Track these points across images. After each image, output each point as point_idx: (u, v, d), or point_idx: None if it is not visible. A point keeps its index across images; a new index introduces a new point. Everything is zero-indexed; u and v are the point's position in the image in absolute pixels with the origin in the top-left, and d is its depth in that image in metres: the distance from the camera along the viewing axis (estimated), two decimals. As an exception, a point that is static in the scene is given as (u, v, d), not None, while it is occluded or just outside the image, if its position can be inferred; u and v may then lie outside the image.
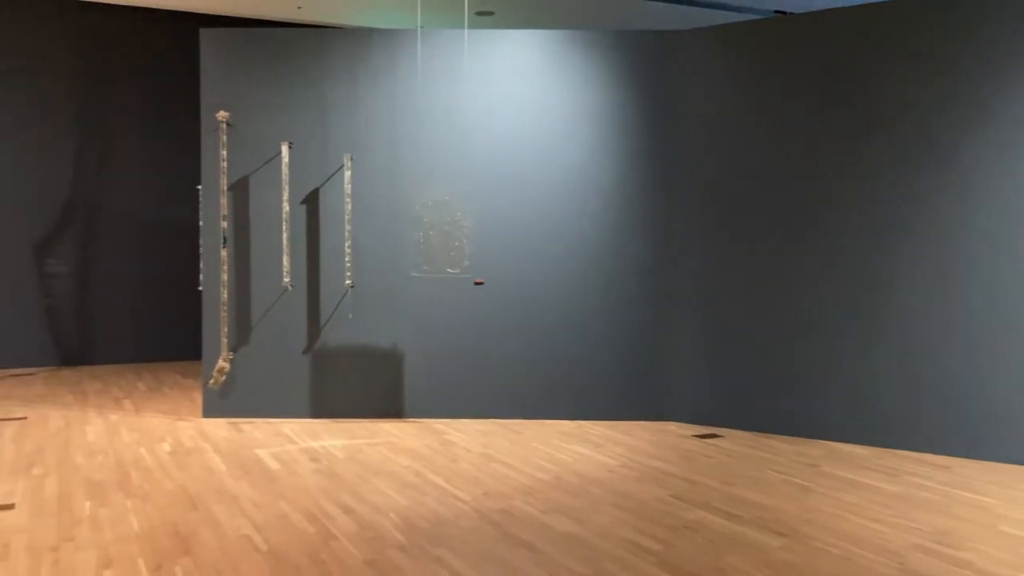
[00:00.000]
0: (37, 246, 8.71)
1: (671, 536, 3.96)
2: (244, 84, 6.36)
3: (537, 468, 5.09)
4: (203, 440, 5.71)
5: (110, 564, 3.56)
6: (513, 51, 6.40)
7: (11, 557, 3.63)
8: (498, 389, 6.38)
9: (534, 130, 6.37)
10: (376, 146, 6.37)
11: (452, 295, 6.35)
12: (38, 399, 7.04)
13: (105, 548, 3.74)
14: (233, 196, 6.32)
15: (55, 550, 3.72)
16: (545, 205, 6.37)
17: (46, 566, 3.54)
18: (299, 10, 8.97)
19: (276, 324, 6.37)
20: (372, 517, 4.19)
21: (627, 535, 3.97)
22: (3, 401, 6.93)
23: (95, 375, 8.23)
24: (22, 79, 8.65)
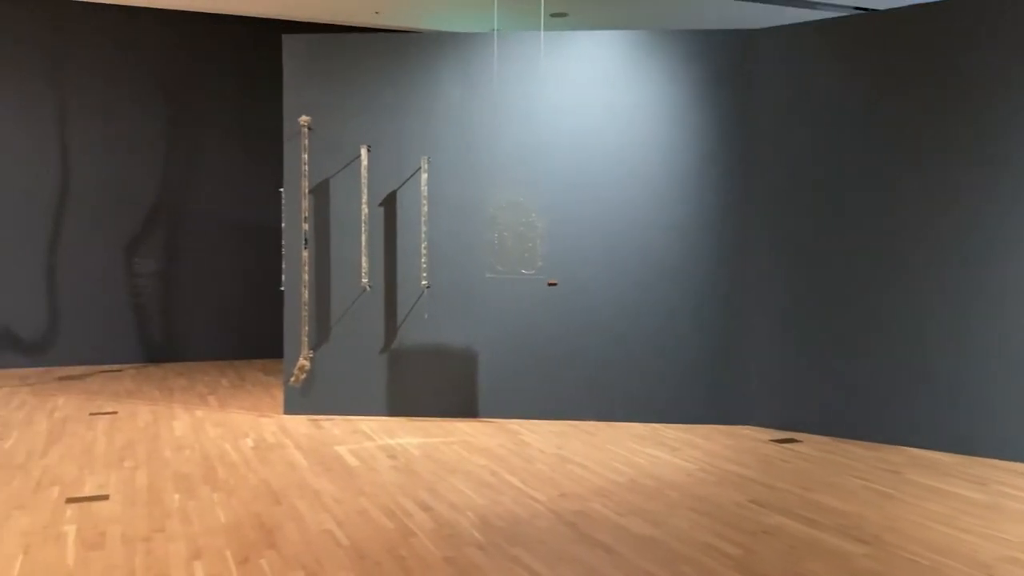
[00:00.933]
0: (126, 247, 9.04)
1: (750, 541, 3.92)
2: (324, 89, 6.50)
3: (612, 470, 5.08)
4: (285, 436, 5.86)
5: (199, 555, 3.69)
6: (588, 52, 6.40)
7: (107, 546, 3.79)
8: (572, 390, 6.39)
9: (609, 131, 6.36)
10: (452, 148, 6.44)
11: (526, 296, 6.39)
12: (127, 395, 7.31)
13: (194, 540, 3.88)
14: (314, 198, 6.46)
15: (147, 540, 3.86)
16: (620, 206, 6.35)
17: (140, 556, 3.68)
18: (377, 15, 9.12)
19: (355, 324, 6.49)
20: (449, 515, 4.24)
21: (705, 539, 3.94)
22: (94, 396, 7.21)
23: (180, 372, 8.51)
24: (112, 86, 8.98)
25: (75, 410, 6.64)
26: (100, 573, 3.49)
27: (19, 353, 8.65)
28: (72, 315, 8.81)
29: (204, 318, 9.27)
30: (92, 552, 3.71)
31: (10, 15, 8.60)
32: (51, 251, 8.77)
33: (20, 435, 5.80)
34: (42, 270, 8.74)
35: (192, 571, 3.51)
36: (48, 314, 8.75)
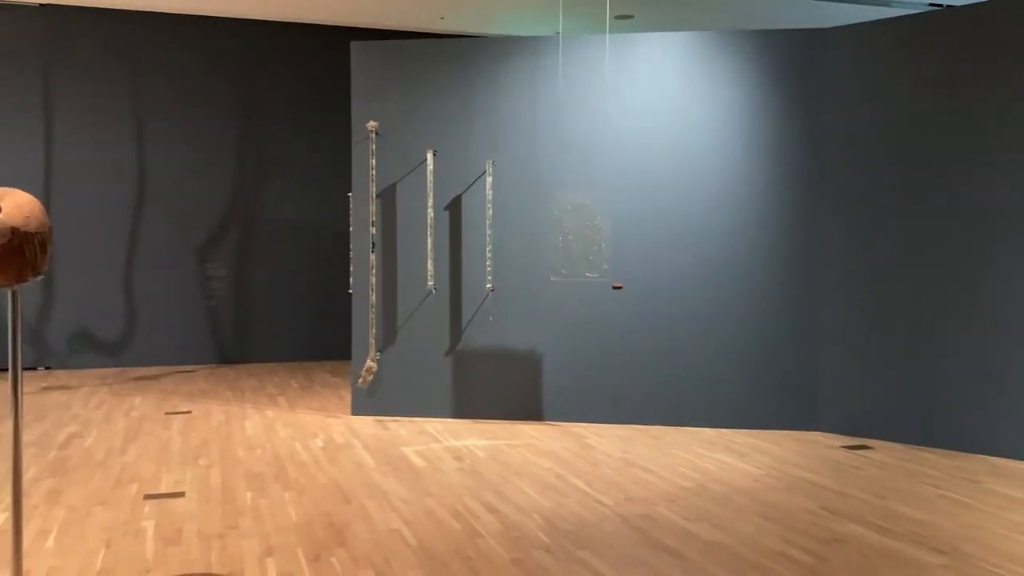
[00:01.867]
0: (199, 251, 9.28)
1: (822, 549, 3.85)
2: (391, 94, 6.59)
3: (679, 475, 5.04)
4: (353, 436, 5.95)
5: (272, 552, 3.77)
6: (654, 54, 6.37)
7: (183, 542, 3.90)
8: (637, 394, 6.35)
9: (675, 133, 6.31)
10: (517, 152, 6.47)
11: (591, 299, 6.37)
12: (200, 395, 7.51)
13: (266, 537, 3.96)
14: (381, 203, 6.55)
15: (222, 537, 3.96)
16: (686, 208, 6.30)
17: (215, 552, 3.77)
18: (442, 20, 9.21)
19: (420, 326, 6.56)
20: (516, 517, 4.25)
21: (775, 546, 3.88)
22: (169, 396, 7.42)
23: (251, 372, 8.70)
24: (186, 95, 9.24)
25: (151, 409, 6.84)
26: (178, 568, 3.59)
27: (98, 354, 8.95)
28: (148, 317, 9.09)
29: (274, 320, 9.46)
30: (170, 547, 3.82)
31: (92, 27, 8.91)
32: (128, 256, 9.05)
33: (100, 433, 6.00)
34: (120, 274, 9.03)
35: (265, 568, 3.59)
36: (125, 316, 9.04)
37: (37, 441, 5.71)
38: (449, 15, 9.04)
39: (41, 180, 8.69)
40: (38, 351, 8.72)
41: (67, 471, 5.03)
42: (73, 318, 8.88)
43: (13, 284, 2.78)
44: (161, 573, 3.53)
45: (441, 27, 9.43)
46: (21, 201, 2.76)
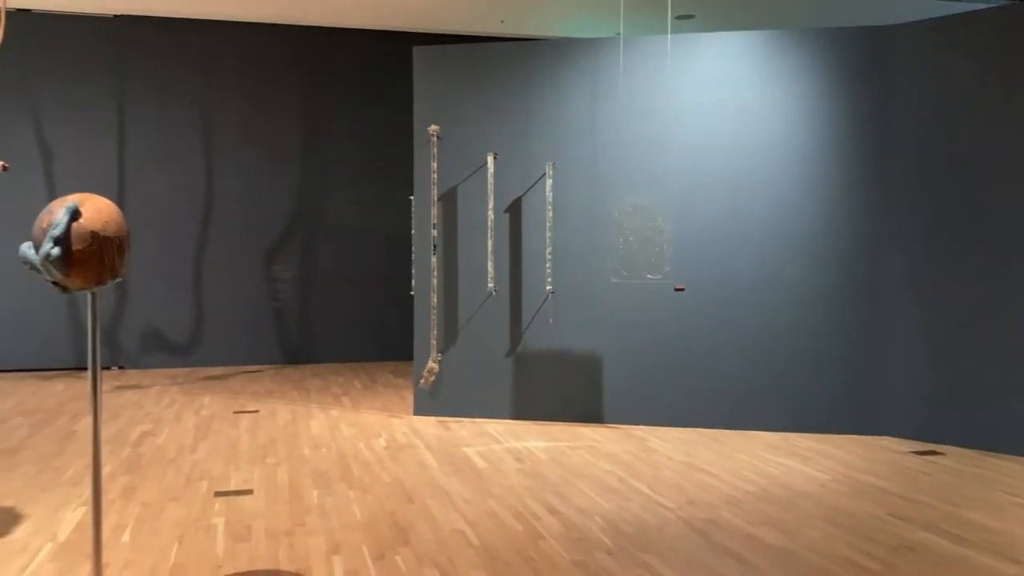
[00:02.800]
0: (265, 255, 9.48)
1: (890, 556, 3.77)
2: (453, 98, 6.65)
3: (742, 479, 4.99)
4: (415, 437, 6.02)
5: (338, 550, 3.84)
6: (716, 54, 6.32)
7: (252, 539, 3.99)
8: (699, 398, 6.30)
9: (737, 133, 6.25)
10: (577, 154, 6.47)
11: (652, 301, 6.34)
12: (267, 394, 7.66)
13: (332, 535, 4.03)
14: (442, 205, 6.61)
15: (289, 534, 4.04)
16: (749, 209, 6.23)
17: (283, 549, 3.86)
18: (502, 24, 9.25)
19: (481, 327, 6.60)
20: (578, 519, 4.26)
21: (842, 552, 3.82)
22: (237, 396, 7.59)
23: (316, 373, 8.86)
24: (251, 101, 9.44)
25: (220, 408, 7.01)
26: (247, 564, 3.68)
27: (169, 354, 9.20)
28: (216, 319, 9.32)
29: (338, 322, 9.62)
30: (239, 544, 3.91)
31: (162, 37, 9.16)
32: (197, 259, 9.29)
33: (171, 431, 6.17)
34: (189, 277, 9.27)
35: (331, 565, 3.66)
36: (195, 318, 9.28)
37: (112, 439, 5.90)
38: (510, 18, 9.08)
39: (115, 185, 8.97)
40: (112, 351, 9.00)
41: (141, 468, 5.18)
42: (145, 319, 9.15)
43: (92, 287, 2.88)
44: (231, 569, 3.62)
45: (502, 30, 9.47)
46: (100, 206, 2.85)
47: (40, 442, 5.81)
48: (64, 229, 2.72)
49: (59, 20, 8.91)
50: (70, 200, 2.79)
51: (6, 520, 4.21)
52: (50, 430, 6.17)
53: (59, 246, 2.72)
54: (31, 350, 8.86)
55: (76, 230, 2.75)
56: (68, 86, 8.99)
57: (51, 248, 2.71)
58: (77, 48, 9.02)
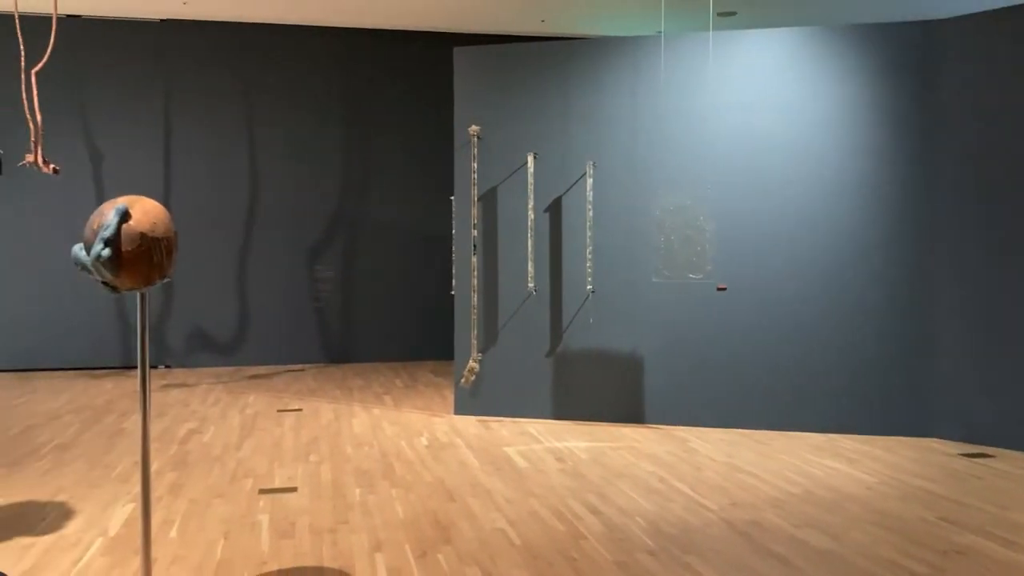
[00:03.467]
0: (308, 255, 9.58)
1: (941, 560, 3.70)
2: (493, 98, 6.66)
3: (786, 481, 4.93)
4: (456, 436, 6.04)
5: (380, 548, 3.86)
6: (758, 51, 6.25)
7: (296, 535, 4.03)
8: (742, 398, 6.24)
9: (780, 131, 6.18)
10: (618, 153, 6.44)
11: (694, 301, 6.29)
12: (310, 393, 7.74)
13: (375, 532, 4.06)
14: (482, 205, 6.63)
15: (333, 531, 4.08)
16: (792, 207, 6.16)
17: (326, 546, 3.89)
18: (542, 23, 9.25)
19: (521, 327, 6.60)
20: (619, 519, 4.24)
21: (890, 556, 3.76)
22: (281, 394, 7.68)
23: (357, 372, 8.93)
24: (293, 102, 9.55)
25: (264, 407, 7.10)
26: (291, 560, 3.72)
27: (214, 353, 9.34)
28: (260, 318, 9.44)
29: (379, 321, 9.69)
30: (284, 540, 3.96)
31: (207, 40, 9.30)
32: (241, 260, 9.42)
33: (216, 429, 6.26)
34: (234, 277, 9.40)
35: (374, 563, 3.69)
36: (239, 317, 9.41)
37: (159, 436, 6.00)
38: (550, 18, 9.08)
39: (161, 187, 9.13)
40: (158, 350, 9.16)
41: (187, 465, 5.27)
42: (191, 319, 9.29)
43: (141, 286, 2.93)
44: (276, 565, 3.67)
45: (542, 30, 9.47)
46: (148, 208, 2.91)
47: (90, 439, 5.94)
48: (114, 230, 2.78)
49: (107, 25, 9.09)
50: (120, 202, 2.85)
51: (59, 515, 4.30)
52: (99, 427, 6.30)
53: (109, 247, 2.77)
54: (81, 349, 9.05)
55: (126, 231, 2.80)
56: (116, 90, 9.17)
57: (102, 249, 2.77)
58: (124, 52, 9.19)
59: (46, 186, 8.13)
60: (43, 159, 4.41)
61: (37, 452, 5.56)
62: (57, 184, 7.85)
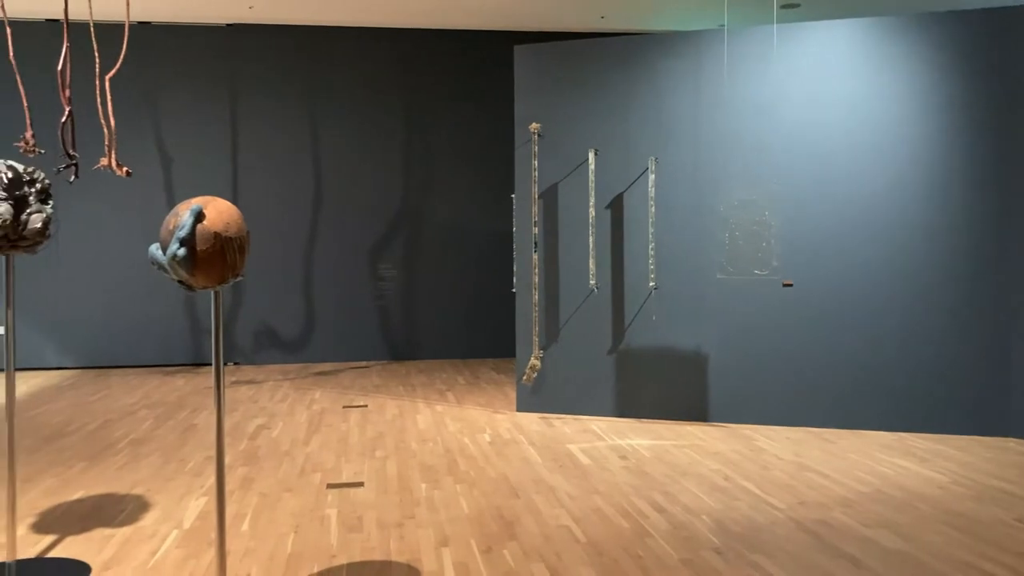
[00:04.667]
0: (371, 253, 9.71)
1: (1019, 564, 3.60)
2: (554, 95, 6.66)
3: (855, 480, 4.84)
4: (518, 433, 6.06)
5: (446, 543, 3.90)
6: (824, 43, 6.14)
7: (364, 529, 4.10)
8: (809, 396, 6.14)
9: (848, 124, 6.06)
10: (680, 148, 6.39)
11: (759, 297, 6.21)
12: (375, 389, 7.85)
13: (441, 527, 4.11)
14: (543, 203, 6.64)
15: (399, 526, 4.14)
16: (861, 201, 6.03)
17: (393, 540, 3.95)
18: (602, 20, 9.22)
19: (583, 325, 6.60)
20: (684, 517, 4.22)
21: (966, 558, 3.66)
22: (346, 391, 7.80)
23: (420, 369, 9.02)
24: (357, 103, 9.68)
25: (330, 403, 7.22)
26: (360, 554, 3.78)
27: (280, 350, 9.53)
28: (325, 316, 9.60)
29: (440, 319, 9.77)
30: (352, 534, 4.03)
31: (272, 44, 9.48)
32: (307, 259, 9.59)
33: (284, 425, 6.39)
34: (300, 276, 9.58)
35: (441, 557, 3.73)
36: (304, 315, 9.58)
37: (230, 431, 6.15)
38: (610, 14, 9.04)
39: (229, 188, 9.34)
40: (228, 347, 9.38)
41: (257, 460, 5.39)
42: (258, 317, 9.49)
43: (215, 285, 3.01)
44: (345, 559, 3.73)
45: (602, 26, 9.44)
46: (222, 208, 2.98)
47: (164, 434, 6.11)
48: (189, 231, 2.85)
49: (176, 31, 9.33)
50: (195, 203, 2.92)
51: (136, 507, 4.44)
52: (172, 423, 6.47)
53: (185, 247, 2.85)
54: (154, 347, 9.32)
55: (200, 231, 2.87)
56: (185, 94, 9.40)
57: (177, 249, 2.85)
58: (193, 57, 9.42)
59: (119, 189, 8.38)
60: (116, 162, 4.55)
61: (114, 447, 5.75)
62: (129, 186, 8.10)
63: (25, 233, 3.46)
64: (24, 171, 3.50)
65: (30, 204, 3.48)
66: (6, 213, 3.37)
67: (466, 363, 9.37)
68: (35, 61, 4.96)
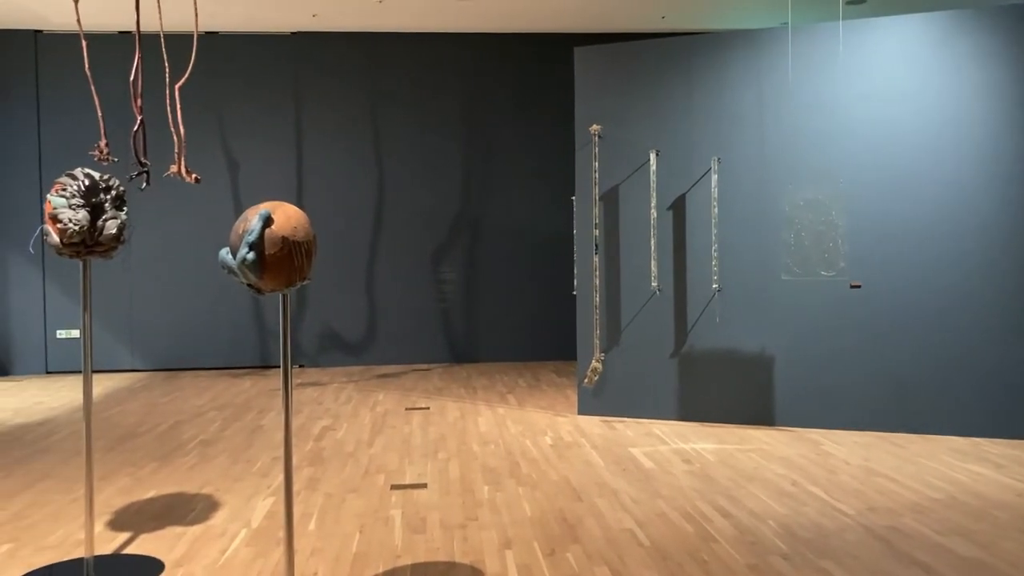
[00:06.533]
0: (432, 256, 9.78)
1: (1103, 574, 3.47)
2: (614, 96, 6.63)
3: (927, 486, 4.71)
4: (580, 435, 6.04)
5: (509, 545, 3.91)
6: (891, 39, 6.00)
7: (427, 530, 4.13)
8: (877, 400, 6.00)
9: (917, 122, 5.91)
10: (743, 148, 6.31)
11: (826, 299, 6.09)
12: (436, 392, 7.91)
13: (504, 529, 4.11)
14: (604, 204, 6.61)
15: (463, 527, 4.16)
16: (930, 199, 5.88)
17: (457, 542, 3.97)
18: (663, 20, 9.16)
19: (645, 327, 6.55)
20: (750, 522, 4.16)
21: (1045, 567, 3.54)
22: (409, 393, 7.87)
23: (481, 371, 9.06)
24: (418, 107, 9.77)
25: (393, 405, 7.30)
26: (424, 555, 3.81)
27: (344, 353, 9.66)
28: (387, 319, 9.71)
29: (501, 321, 9.80)
30: (416, 535, 4.06)
31: (335, 50, 9.63)
32: (369, 262, 9.71)
33: (349, 426, 6.48)
34: (363, 279, 9.70)
35: (504, 559, 3.73)
36: (367, 318, 9.70)
37: (296, 432, 6.25)
38: (670, 14, 8.97)
39: (294, 193, 9.50)
40: (293, 350, 9.54)
41: (323, 461, 5.47)
42: (322, 320, 9.64)
43: (283, 288, 3.06)
44: (409, 559, 3.76)
45: (663, 26, 9.38)
46: (290, 213, 3.03)
47: (232, 435, 6.24)
48: (258, 235, 2.91)
49: (242, 40, 9.54)
50: (263, 208, 2.98)
51: (206, 507, 4.55)
52: (240, 424, 6.61)
53: (254, 251, 2.91)
54: (223, 349, 9.53)
55: (269, 236, 2.93)
56: (250, 101, 9.60)
57: (247, 253, 2.90)
58: (258, 65, 9.62)
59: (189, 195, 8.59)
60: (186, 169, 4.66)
61: (184, 447, 5.89)
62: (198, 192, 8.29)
63: (101, 239, 3.57)
64: (100, 178, 3.61)
65: (105, 211, 3.59)
66: (83, 219, 3.48)
67: (527, 366, 9.37)
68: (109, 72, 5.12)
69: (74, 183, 3.52)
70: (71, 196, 3.49)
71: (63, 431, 6.46)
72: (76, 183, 3.52)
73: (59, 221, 3.47)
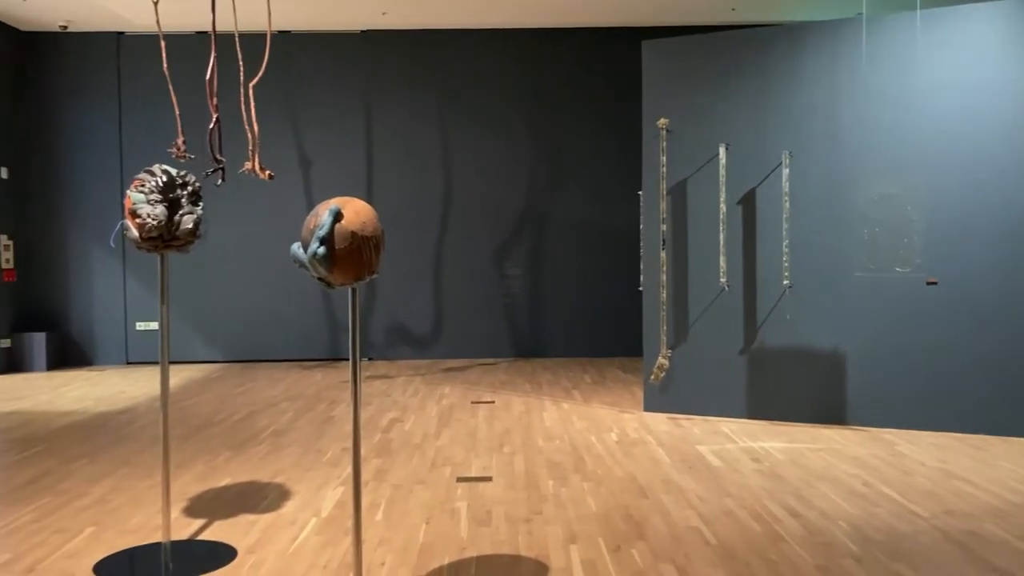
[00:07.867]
0: (498, 252, 9.83)
1: None
2: (683, 90, 6.56)
3: (1008, 489, 4.56)
4: (646, 432, 6.01)
5: (574, 540, 3.91)
6: (972, 27, 5.81)
7: (493, 523, 4.15)
8: (955, 400, 5.83)
9: (997, 113, 5.71)
10: (816, 141, 6.18)
11: (901, 295, 5.94)
12: (501, 386, 7.94)
13: (568, 525, 4.11)
14: (671, 199, 6.54)
15: (528, 522, 4.17)
16: (1010, 194, 5.67)
17: (522, 535, 3.98)
18: (733, 12, 9.02)
19: (713, 323, 6.47)
20: (820, 523, 4.08)
21: None
22: (474, 387, 7.93)
23: (546, 367, 9.07)
24: (484, 104, 9.81)
25: (459, 398, 7.36)
26: (489, 548, 3.83)
27: (411, 346, 9.78)
28: (454, 314, 9.79)
29: (566, 317, 9.80)
30: (481, 528, 4.09)
31: (403, 48, 9.74)
32: (437, 257, 9.80)
33: (416, 419, 6.55)
34: (430, 275, 9.80)
35: (569, 554, 3.73)
36: (434, 313, 9.80)
37: (365, 424, 6.35)
38: (740, 6, 8.83)
39: (364, 189, 9.64)
40: (362, 343, 9.60)
41: (390, 452, 5.54)
42: (390, 314, 9.78)
43: (352, 282, 3.11)
44: (475, 552, 3.79)
45: (732, 19, 9.23)
46: (359, 208, 3.08)
47: (303, 425, 6.37)
48: (329, 230, 2.96)
49: (313, 39, 9.71)
50: (333, 203, 3.03)
51: (278, 495, 4.65)
52: (311, 415, 6.74)
53: (324, 245, 2.96)
54: (294, 342, 9.73)
55: (339, 231, 2.98)
56: (322, 98, 9.78)
57: (318, 247, 2.96)
58: (329, 63, 9.78)
59: (262, 191, 8.79)
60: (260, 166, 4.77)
61: (257, 437, 6.03)
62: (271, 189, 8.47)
63: (178, 233, 3.67)
64: (177, 175, 3.71)
65: (182, 206, 3.69)
66: (161, 215, 3.59)
67: (592, 362, 9.35)
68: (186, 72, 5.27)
69: (152, 179, 3.63)
70: (149, 192, 3.60)
71: (143, 419, 6.68)
72: (154, 179, 3.63)
73: (138, 216, 3.58)
